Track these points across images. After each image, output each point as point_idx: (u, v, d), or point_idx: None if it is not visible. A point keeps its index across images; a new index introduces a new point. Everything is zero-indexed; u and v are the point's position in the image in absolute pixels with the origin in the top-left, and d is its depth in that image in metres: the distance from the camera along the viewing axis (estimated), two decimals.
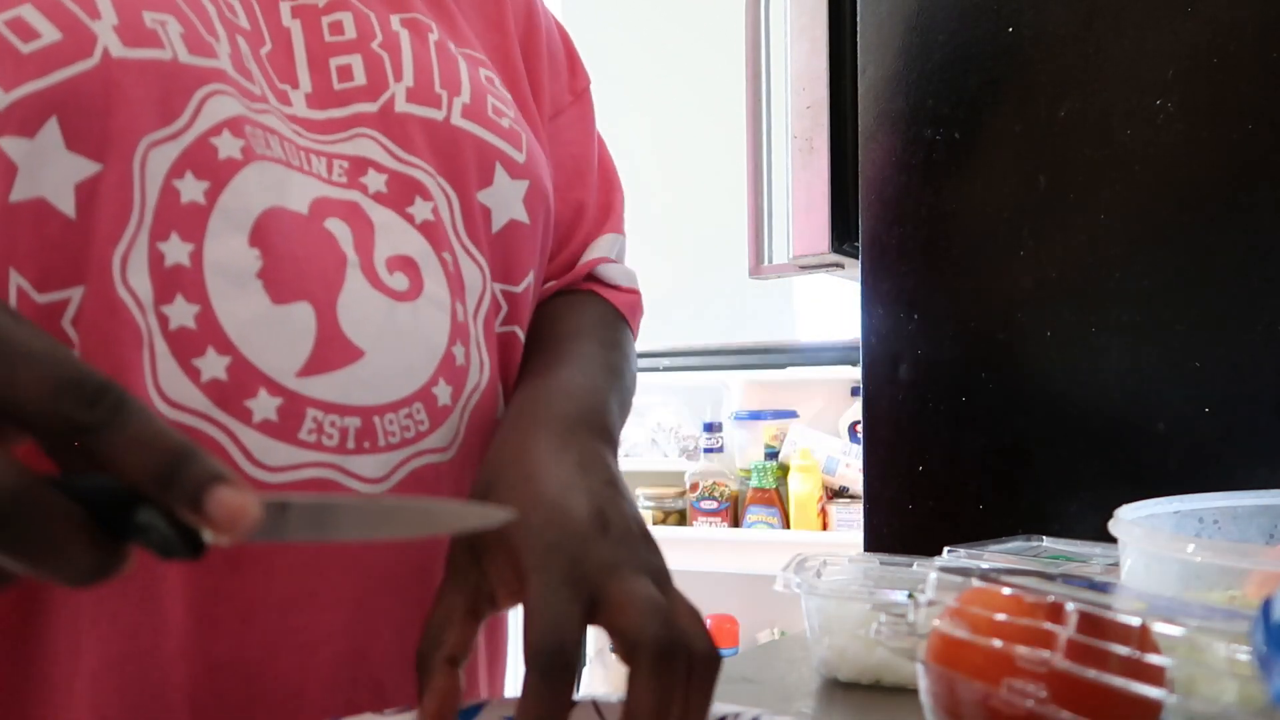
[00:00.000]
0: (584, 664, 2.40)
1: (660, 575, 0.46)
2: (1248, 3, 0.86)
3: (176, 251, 0.50)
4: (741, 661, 0.74)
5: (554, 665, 0.41)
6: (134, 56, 0.50)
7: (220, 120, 0.52)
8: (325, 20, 0.59)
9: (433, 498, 0.55)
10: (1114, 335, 0.91)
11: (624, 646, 0.43)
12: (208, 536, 0.34)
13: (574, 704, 0.42)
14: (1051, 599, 0.42)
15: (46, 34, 0.48)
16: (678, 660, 0.42)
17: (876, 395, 1.04)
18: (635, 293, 0.74)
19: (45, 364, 0.34)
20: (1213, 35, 0.87)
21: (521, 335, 0.66)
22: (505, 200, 0.63)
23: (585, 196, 0.74)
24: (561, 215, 0.72)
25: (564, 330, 0.67)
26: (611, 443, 0.57)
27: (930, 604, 0.47)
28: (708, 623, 0.45)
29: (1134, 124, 0.91)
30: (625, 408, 0.65)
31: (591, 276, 0.73)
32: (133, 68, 0.49)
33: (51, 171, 0.48)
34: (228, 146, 0.52)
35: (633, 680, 0.42)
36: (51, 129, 0.48)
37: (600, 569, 0.45)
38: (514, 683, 0.67)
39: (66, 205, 0.49)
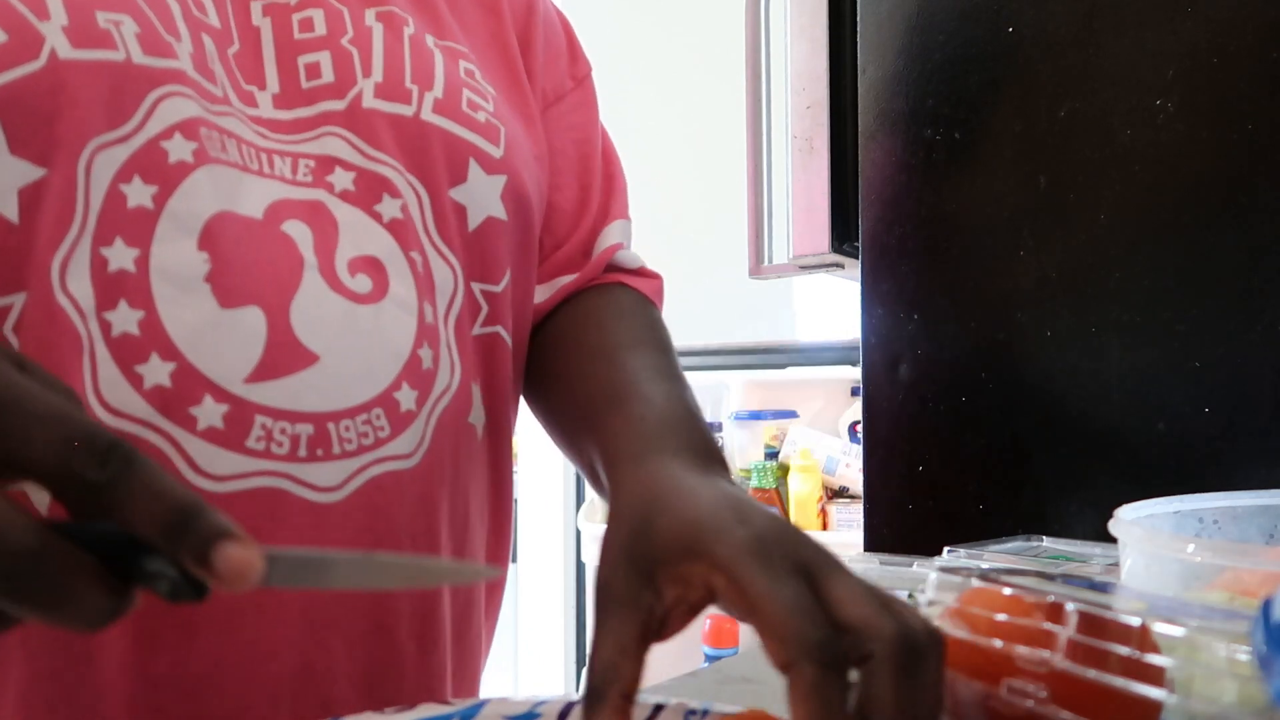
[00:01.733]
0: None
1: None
2: (1248, 3, 0.86)
3: (121, 257, 0.49)
4: (741, 661, 0.74)
5: (831, 654, 0.37)
6: (83, 58, 0.48)
7: (173, 123, 0.51)
8: (295, 18, 0.59)
9: (425, 556, 0.52)
10: (1114, 335, 0.91)
11: (856, 645, 0.38)
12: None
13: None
14: (1051, 599, 0.42)
15: None
16: (921, 655, 0.38)
17: (876, 395, 1.04)
18: (657, 277, 0.74)
19: (56, 424, 0.34)
20: (1213, 35, 0.87)
21: (505, 336, 0.64)
22: (481, 197, 0.61)
23: (590, 182, 0.72)
24: (566, 202, 0.71)
25: (620, 340, 0.64)
26: (728, 470, 0.53)
27: (930, 604, 0.47)
28: (707, 623, 0.44)
29: (1134, 124, 0.91)
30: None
31: (611, 266, 0.72)
32: (82, 69, 0.48)
33: None
34: (179, 149, 0.51)
35: (873, 680, 0.37)
36: None
37: (810, 564, 0.40)
38: (487, 688, 0.66)
39: (9, 210, 0.48)
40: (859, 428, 1.63)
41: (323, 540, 0.53)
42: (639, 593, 0.42)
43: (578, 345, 0.66)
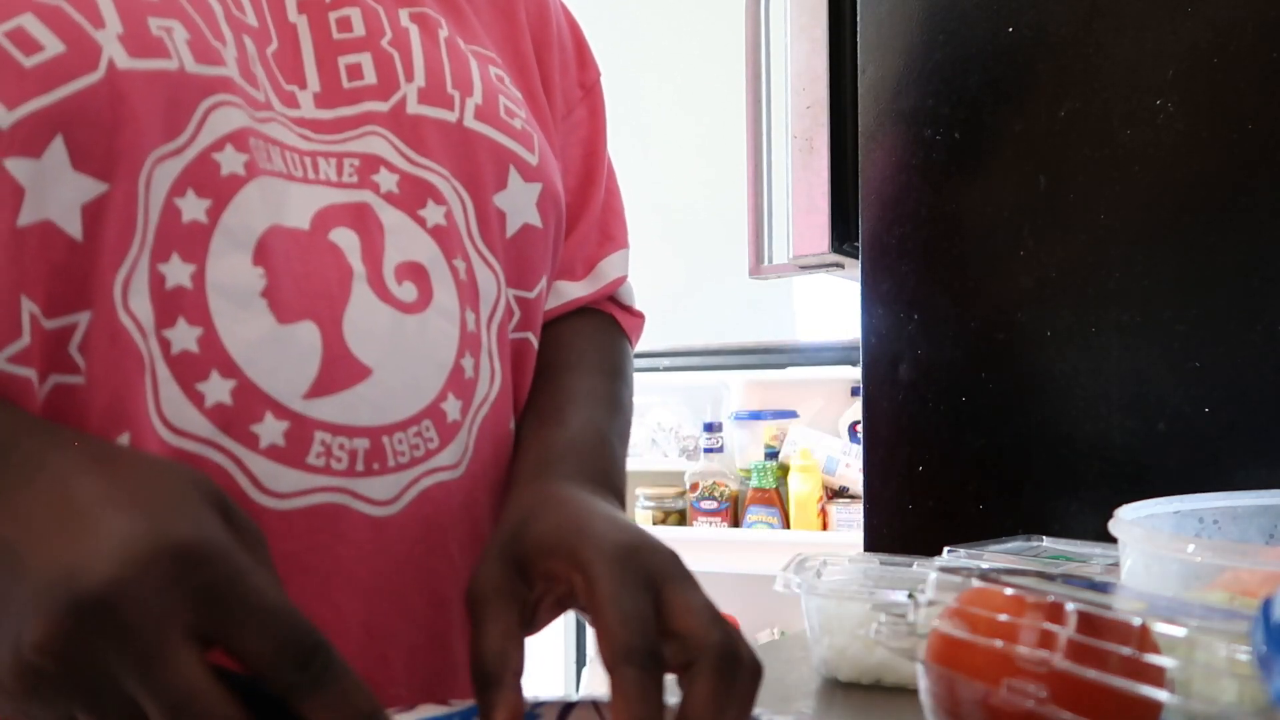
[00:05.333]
0: (586, 664, 2.40)
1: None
2: (1248, 3, 0.86)
3: (178, 273, 0.48)
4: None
5: (651, 659, 0.42)
6: (140, 68, 0.47)
7: (224, 134, 0.50)
8: (333, 16, 0.58)
9: None
10: (1114, 335, 0.91)
11: (684, 651, 0.43)
12: None
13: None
14: (1051, 599, 0.42)
15: (49, 46, 0.45)
16: (739, 666, 0.43)
17: (876, 395, 1.04)
18: (641, 316, 0.76)
19: (271, 622, 0.38)
20: (1213, 35, 0.87)
21: (534, 341, 0.64)
22: (519, 204, 0.61)
23: (594, 195, 0.73)
24: (568, 210, 0.71)
25: (569, 361, 0.68)
26: (622, 499, 0.60)
27: (930, 604, 0.47)
28: None
29: (1134, 124, 0.91)
30: (626, 439, 0.67)
31: (610, 297, 0.74)
32: (139, 79, 0.47)
33: (58, 193, 0.46)
34: (230, 162, 0.50)
35: (694, 683, 0.42)
36: (57, 148, 0.46)
37: (659, 575, 0.46)
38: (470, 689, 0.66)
39: (73, 228, 0.47)
40: (859, 428, 1.63)
41: (381, 553, 0.53)
42: (514, 585, 0.48)
43: (546, 361, 0.67)
